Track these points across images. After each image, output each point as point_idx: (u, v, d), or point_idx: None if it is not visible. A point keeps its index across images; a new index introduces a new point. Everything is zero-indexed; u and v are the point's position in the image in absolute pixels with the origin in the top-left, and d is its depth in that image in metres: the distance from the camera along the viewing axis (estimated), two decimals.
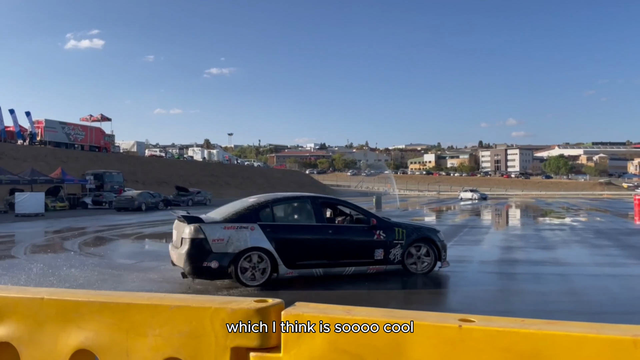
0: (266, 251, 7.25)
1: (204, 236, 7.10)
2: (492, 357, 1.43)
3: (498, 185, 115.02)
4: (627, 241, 13.55)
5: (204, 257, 7.10)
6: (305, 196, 8.48)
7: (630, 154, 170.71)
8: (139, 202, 32.06)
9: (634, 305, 6.45)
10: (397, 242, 8.02)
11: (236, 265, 7.10)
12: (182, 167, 67.16)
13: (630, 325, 1.36)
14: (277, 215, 7.81)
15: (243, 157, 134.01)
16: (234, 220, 7.37)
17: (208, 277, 7.41)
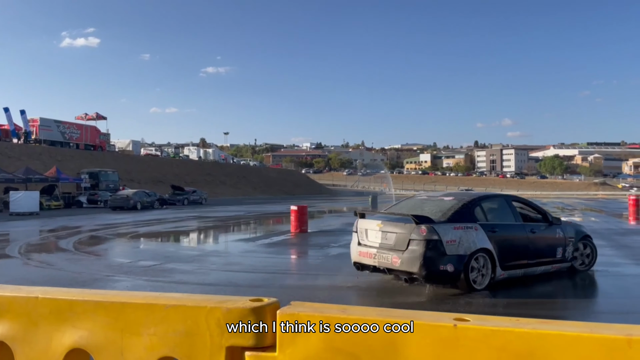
0: (489, 252, 6.89)
1: (438, 237, 6.59)
2: (486, 356, 1.43)
3: (493, 185, 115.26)
4: (622, 241, 13.62)
5: (440, 260, 6.58)
6: (501, 195, 8.46)
7: (625, 154, 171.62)
8: (135, 201, 31.96)
9: (629, 305, 6.49)
10: (570, 239, 8.09)
11: (466, 269, 6.71)
12: (178, 166, 67.02)
13: (624, 324, 1.36)
14: (488, 214, 7.46)
15: (239, 156, 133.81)
16: (457, 220, 6.95)
17: (442, 281, 6.93)
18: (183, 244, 15.04)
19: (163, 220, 23.43)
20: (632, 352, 1.28)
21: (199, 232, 18.36)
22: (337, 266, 9.63)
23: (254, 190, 72.56)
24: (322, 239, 14.47)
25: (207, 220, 23.78)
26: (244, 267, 9.90)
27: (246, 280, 8.44)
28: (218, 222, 22.55)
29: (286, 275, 9.36)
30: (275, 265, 10.28)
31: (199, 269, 9.63)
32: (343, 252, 11.56)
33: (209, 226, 20.68)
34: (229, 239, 16.38)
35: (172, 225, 20.92)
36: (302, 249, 13.01)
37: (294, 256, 12.05)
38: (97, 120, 60.90)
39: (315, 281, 8.36)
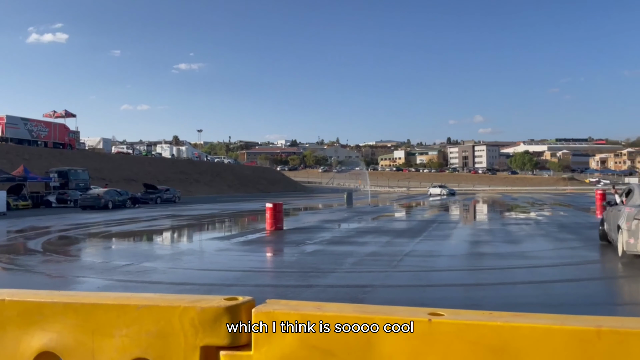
0: None
1: None
2: (460, 349, 1.45)
3: (466, 180, 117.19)
4: (589, 234, 13.99)
5: None
6: None
7: (592, 150, 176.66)
8: (106, 200, 31.35)
9: (599, 296, 6.67)
10: None
11: None
12: (151, 164, 66.07)
13: (593, 316, 1.40)
14: None
15: (213, 153, 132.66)
16: None
17: None
18: (156, 243, 14.83)
19: (135, 219, 23.06)
20: (601, 343, 1.31)
21: (173, 231, 18.12)
22: (313, 263, 9.65)
23: (229, 188, 72.06)
24: (297, 236, 14.46)
25: (180, 218, 23.50)
26: (219, 266, 9.82)
27: (220, 279, 8.37)
28: (192, 221, 22.31)
29: (261, 274, 9.32)
30: (250, 263, 10.23)
31: (172, 268, 9.51)
32: (319, 249, 11.59)
33: (183, 225, 20.44)
34: (203, 237, 16.22)
35: (145, 224, 20.60)
36: (278, 246, 12.98)
37: (269, 254, 12.01)
38: (66, 117, 59.55)
39: (291, 279, 8.35)
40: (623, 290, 7.09)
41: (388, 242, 12.84)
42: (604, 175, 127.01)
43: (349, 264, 9.47)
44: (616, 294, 6.79)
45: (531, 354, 1.37)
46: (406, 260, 9.91)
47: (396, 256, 10.32)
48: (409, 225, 18.61)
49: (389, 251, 11.11)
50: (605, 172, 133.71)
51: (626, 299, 6.49)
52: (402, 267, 9.15)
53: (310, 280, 8.01)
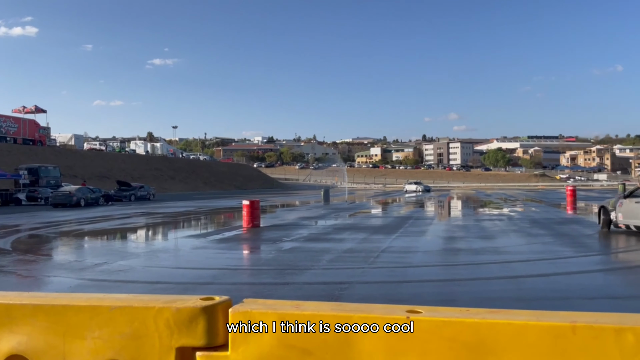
0: None
1: None
2: (438, 346, 1.45)
3: (441, 177, 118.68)
4: (561, 230, 14.32)
5: None
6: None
7: (563, 147, 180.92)
8: (78, 198, 30.70)
9: (570, 291, 6.82)
10: None
11: None
12: (124, 161, 64.95)
13: (568, 311, 1.42)
14: None
15: (188, 150, 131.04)
16: None
17: None
18: (130, 241, 14.59)
19: (109, 217, 22.66)
20: (576, 338, 1.33)
21: (147, 229, 17.86)
22: (290, 260, 9.62)
23: (205, 185, 71.40)
24: (275, 234, 14.41)
25: (155, 216, 23.18)
26: (194, 264, 9.72)
27: (196, 278, 8.29)
28: (167, 218, 22.03)
29: (238, 271, 9.25)
30: (226, 261, 10.15)
31: (146, 267, 9.37)
32: (296, 246, 11.57)
33: (158, 222, 20.17)
34: (179, 235, 16.03)
35: (119, 222, 20.26)
36: (255, 244, 12.91)
37: (246, 251, 11.94)
38: (36, 113, 58.04)
39: (268, 276, 8.32)
40: (594, 284, 7.27)
41: (365, 238, 12.90)
42: (574, 171, 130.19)
43: (326, 261, 9.48)
44: (587, 289, 6.96)
45: (508, 349, 1.38)
46: (383, 256, 9.97)
47: (373, 252, 10.37)
48: (385, 222, 18.73)
49: (365, 248, 11.16)
50: (575, 169, 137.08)
51: (597, 294, 6.66)
52: (379, 263, 9.20)
53: (287, 277, 7.99)
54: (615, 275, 7.83)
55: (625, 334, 1.30)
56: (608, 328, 1.32)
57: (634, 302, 6.15)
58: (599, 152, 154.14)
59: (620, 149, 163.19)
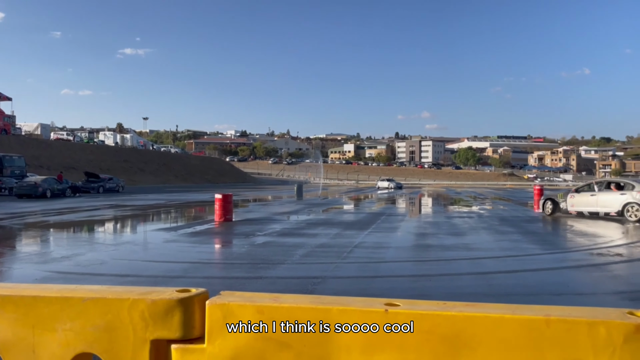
0: None
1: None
2: (416, 339, 1.46)
3: (412, 175, 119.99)
4: (528, 227, 14.67)
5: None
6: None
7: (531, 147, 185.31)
8: (44, 189, 29.87)
9: (539, 287, 7.00)
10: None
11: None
12: (93, 152, 63.44)
13: (542, 305, 1.45)
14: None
15: (159, 142, 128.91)
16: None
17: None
18: (98, 233, 14.27)
19: (76, 209, 22.13)
20: (550, 331, 1.36)
21: (116, 222, 17.51)
22: (263, 255, 9.59)
23: (176, 178, 70.41)
24: (247, 228, 14.32)
25: (124, 209, 22.75)
26: (165, 257, 9.58)
27: (166, 271, 8.17)
28: (137, 211, 21.65)
29: (210, 265, 9.16)
30: (198, 255, 10.03)
31: (115, 260, 9.19)
32: (269, 241, 11.53)
33: (127, 215, 19.79)
34: (149, 228, 15.77)
35: (87, 214, 19.81)
36: (227, 238, 12.81)
37: (218, 245, 11.83)
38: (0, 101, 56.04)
39: (240, 270, 8.26)
40: (561, 281, 7.47)
41: (338, 234, 12.94)
42: (541, 171, 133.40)
43: (299, 256, 9.48)
44: (554, 285, 7.14)
45: (484, 342, 1.41)
46: (356, 252, 10.03)
47: (346, 248, 10.42)
48: (358, 218, 18.84)
49: (338, 243, 11.21)
50: (542, 169, 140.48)
51: (564, 290, 6.84)
52: (352, 258, 9.25)
53: (260, 272, 7.95)
54: (581, 272, 8.06)
55: (598, 327, 1.34)
56: (581, 321, 1.35)
57: (598, 298, 6.35)
58: (566, 153, 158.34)
59: (585, 150, 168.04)
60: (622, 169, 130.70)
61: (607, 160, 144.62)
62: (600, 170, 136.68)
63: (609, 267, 8.46)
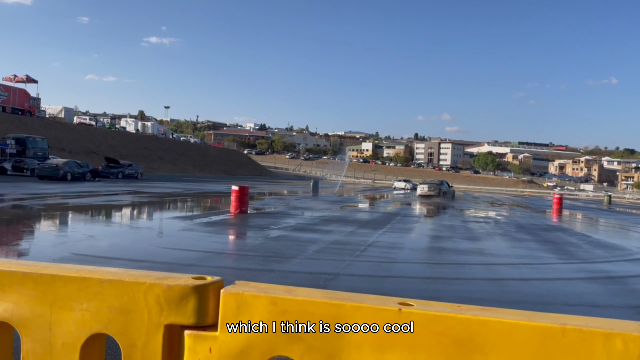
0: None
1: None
2: (428, 340, 1.46)
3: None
4: (545, 236, 14.47)
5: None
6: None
7: (552, 155, 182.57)
8: (65, 171, 30.36)
9: (551, 296, 6.91)
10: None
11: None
12: (114, 138, 64.27)
13: (559, 314, 1.43)
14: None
15: (179, 132, 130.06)
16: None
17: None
18: (115, 218, 14.48)
19: (95, 193, 22.46)
20: (565, 340, 1.34)
21: (133, 208, 17.74)
22: (276, 248, 9.62)
23: (193, 168, 70.98)
24: (262, 221, 14.39)
25: (142, 195, 23.02)
26: (180, 245, 9.67)
27: (181, 259, 8.25)
28: (154, 199, 21.90)
29: (223, 255, 9.24)
30: (212, 244, 10.11)
31: (131, 245, 9.31)
32: (283, 235, 11.57)
33: (144, 202, 20.04)
34: (165, 216, 15.95)
35: (105, 198, 20.10)
36: (241, 229, 12.89)
37: (232, 236, 11.91)
38: (27, 83, 57.04)
39: (253, 262, 8.31)
40: (575, 291, 7.36)
41: (352, 232, 12.93)
42: (561, 180, 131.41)
43: (312, 251, 9.50)
44: (568, 295, 7.05)
45: (497, 347, 1.39)
46: (369, 250, 10.01)
47: (359, 246, 10.40)
48: (373, 217, 18.79)
49: (352, 241, 11.20)
50: (562, 178, 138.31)
51: (577, 301, 6.74)
52: (365, 257, 9.23)
53: (273, 265, 7.99)
54: (596, 284, 7.93)
55: (614, 339, 1.32)
56: (597, 332, 1.33)
57: (613, 311, 6.24)
58: (587, 163, 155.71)
59: (608, 161, 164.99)
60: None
61: (630, 172, 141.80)
62: (622, 182, 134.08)
63: (626, 280, 8.31)
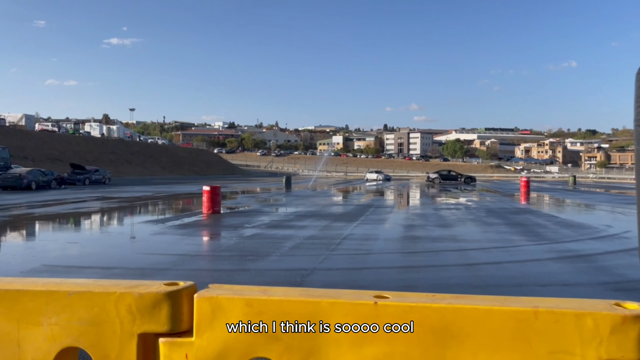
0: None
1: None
2: (404, 332, 1.46)
3: (401, 167, 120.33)
4: (515, 219, 14.81)
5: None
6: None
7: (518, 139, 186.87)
8: (29, 180, 29.48)
9: (524, 278, 7.08)
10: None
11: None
12: (78, 144, 62.70)
13: (531, 297, 1.45)
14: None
15: (146, 134, 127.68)
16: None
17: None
18: (85, 226, 14.14)
19: (62, 201, 21.89)
20: (538, 322, 1.36)
21: (103, 214, 17.36)
22: (251, 247, 9.57)
23: (163, 170, 69.90)
24: (235, 220, 14.27)
25: (111, 201, 22.55)
26: (152, 250, 9.52)
27: (154, 263, 8.12)
28: (124, 203, 21.47)
29: (197, 258, 9.13)
30: (186, 247, 9.98)
31: (102, 253, 9.12)
32: (257, 233, 11.51)
33: (114, 207, 19.63)
34: (136, 220, 15.66)
35: (73, 206, 19.60)
36: (215, 230, 12.76)
37: (206, 237, 11.78)
38: None
39: (228, 263, 8.24)
40: (545, 272, 7.55)
41: (327, 226, 12.96)
42: (527, 163, 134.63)
43: (288, 248, 9.48)
44: (539, 276, 7.23)
45: (472, 334, 1.41)
46: (344, 243, 10.05)
47: (334, 240, 10.44)
48: (346, 210, 18.87)
49: (327, 235, 11.22)
50: (528, 161, 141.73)
51: (548, 281, 6.92)
52: (340, 250, 9.27)
53: (249, 264, 7.94)
54: (566, 263, 8.16)
55: (585, 318, 1.35)
56: (569, 313, 1.36)
57: (583, 289, 6.44)
58: (552, 145, 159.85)
59: (571, 142, 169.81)
60: (607, 161, 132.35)
61: (593, 152, 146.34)
62: (586, 162, 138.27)
63: (593, 258, 8.58)
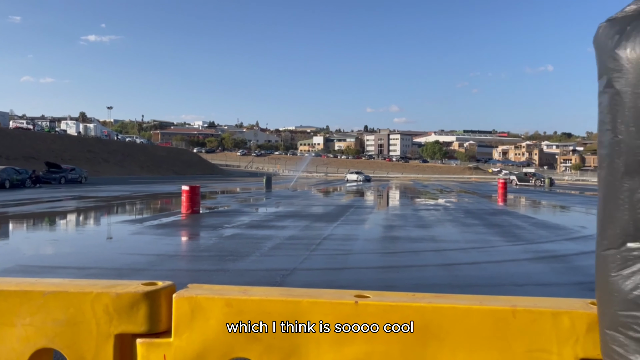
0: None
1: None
2: (385, 331, 1.47)
3: (381, 168, 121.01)
4: (492, 220, 15.02)
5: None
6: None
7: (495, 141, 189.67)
8: (2, 179, 28.78)
9: (500, 278, 7.18)
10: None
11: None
12: (54, 142, 61.44)
13: (509, 296, 1.47)
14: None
15: (124, 132, 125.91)
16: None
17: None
18: (60, 226, 13.87)
19: (37, 200, 21.44)
20: (516, 321, 1.38)
21: (79, 214, 17.04)
22: (231, 247, 9.51)
23: (141, 170, 68.99)
24: (215, 220, 14.17)
25: (88, 200, 22.17)
26: (130, 250, 9.38)
27: (131, 264, 8.00)
28: (101, 203, 21.12)
29: (176, 258, 9.02)
30: (164, 247, 9.86)
31: (78, 253, 8.95)
32: (237, 233, 11.45)
33: (91, 207, 19.30)
34: (113, 220, 15.41)
35: (48, 205, 19.21)
36: (194, 230, 12.64)
37: (184, 238, 11.66)
38: None
39: (207, 263, 8.17)
40: (522, 272, 7.68)
41: (307, 226, 12.95)
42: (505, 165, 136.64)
43: (268, 248, 9.44)
44: (516, 276, 7.34)
45: (452, 332, 1.42)
46: (324, 243, 10.06)
47: (315, 240, 10.44)
48: (327, 210, 18.88)
49: (307, 235, 11.21)
50: (506, 163, 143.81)
51: (525, 281, 7.04)
52: (320, 250, 9.27)
53: (228, 264, 7.88)
54: (542, 264, 8.30)
55: (562, 317, 1.37)
56: (546, 312, 1.39)
57: (559, 289, 6.56)
58: (529, 148, 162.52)
59: (547, 145, 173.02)
60: (582, 163, 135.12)
61: (568, 155, 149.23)
62: (561, 165, 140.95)
63: (569, 258, 8.75)
